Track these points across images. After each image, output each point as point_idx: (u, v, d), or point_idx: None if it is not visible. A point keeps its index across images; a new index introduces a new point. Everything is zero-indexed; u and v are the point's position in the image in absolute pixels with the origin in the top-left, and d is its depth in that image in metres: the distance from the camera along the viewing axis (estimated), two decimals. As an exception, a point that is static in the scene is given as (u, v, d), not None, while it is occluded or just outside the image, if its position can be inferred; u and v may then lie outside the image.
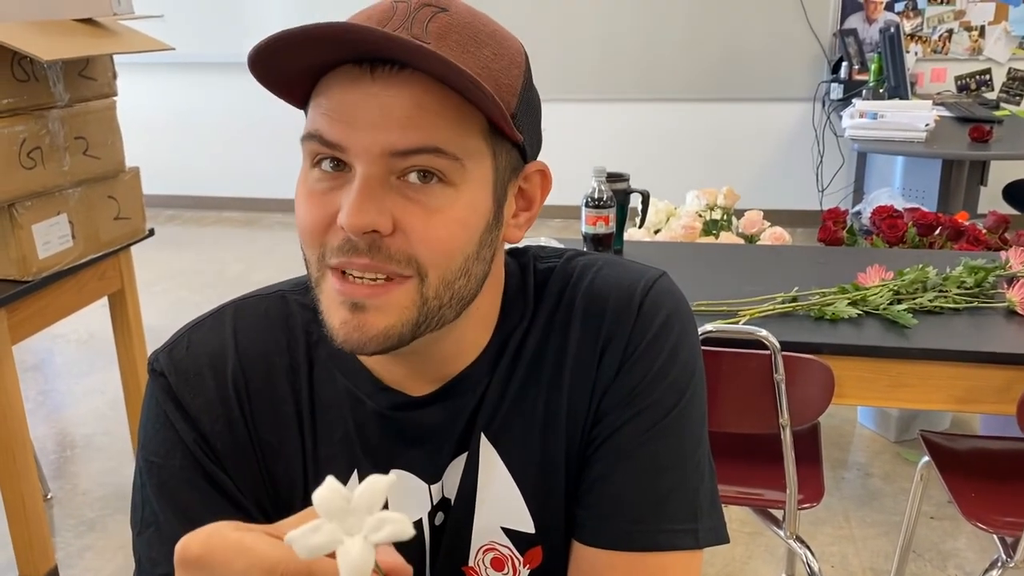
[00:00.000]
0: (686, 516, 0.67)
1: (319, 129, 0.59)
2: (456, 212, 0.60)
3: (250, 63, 0.58)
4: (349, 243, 0.59)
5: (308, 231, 0.61)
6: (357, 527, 0.36)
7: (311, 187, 0.61)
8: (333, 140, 0.58)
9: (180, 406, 0.68)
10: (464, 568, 0.72)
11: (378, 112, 0.57)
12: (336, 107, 0.59)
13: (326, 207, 0.60)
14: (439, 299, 0.61)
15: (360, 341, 0.60)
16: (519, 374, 0.70)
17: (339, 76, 0.59)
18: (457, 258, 0.61)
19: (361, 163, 0.58)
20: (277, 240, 5.09)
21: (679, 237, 2.47)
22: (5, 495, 1.95)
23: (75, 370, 3.39)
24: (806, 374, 1.47)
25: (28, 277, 1.89)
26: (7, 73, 1.81)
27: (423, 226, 0.59)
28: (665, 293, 0.71)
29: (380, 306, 0.60)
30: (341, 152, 0.59)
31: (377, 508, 0.36)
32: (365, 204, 0.57)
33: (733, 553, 2.18)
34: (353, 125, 0.58)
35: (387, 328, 0.60)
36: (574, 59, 4.96)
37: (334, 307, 0.61)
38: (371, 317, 0.60)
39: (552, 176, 0.73)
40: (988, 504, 1.57)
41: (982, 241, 2.30)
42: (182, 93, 5.55)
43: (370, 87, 0.58)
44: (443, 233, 0.60)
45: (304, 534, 0.35)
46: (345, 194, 0.59)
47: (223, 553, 0.38)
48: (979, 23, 4.54)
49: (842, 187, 4.84)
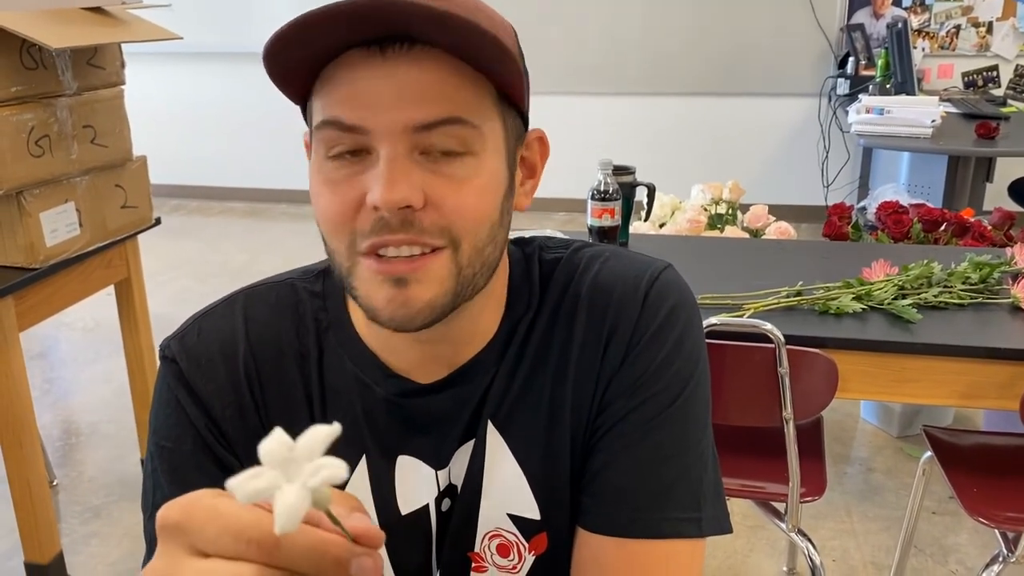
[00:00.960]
0: (690, 505, 0.68)
1: (336, 115, 0.59)
2: (481, 180, 0.62)
3: (269, 51, 0.58)
4: (382, 222, 0.59)
5: (334, 220, 0.61)
6: (297, 474, 0.36)
7: (330, 176, 0.61)
8: (353, 123, 0.58)
9: (192, 392, 0.68)
10: (470, 554, 0.72)
11: (396, 90, 0.58)
12: (351, 91, 0.58)
13: (351, 193, 0.60)
14: (472, 267, 0.63)
15: (407, 316, 0.61)
16: (525, 363, 0.71)
17: (347, 62, 0.59)
18: (485, 225, 0.63)
19: (385, 142, 0.58)
20: (282, 231, 5.10)
21: (684, 231, 2.48)
22: (11, 482, 1.96)
23: (81, 358, 3.40)
24: (810, 368, 1.48)
25: (35, 264, 1.90)
26: (16, 61, 1.82)
27: (454, 197, 0.60)
28: (671, 284, 0.71)
29: (421, 279, 0.60)
30: (362, 135, 0.59)
31: (317, 456, 0.37)
32: (397, 179, 0.58)
33: (735, 546, 2.19)
34: (372, 107, 0.58)
35: (431, 299, 0.61)
36: (581, 53, 4.95)
37: (375, 288, 0.61)
38: (414, 291, 0.60)
39: (550, 144, 0.73)
40: (990, 499, 1.57)
41: (987, 237, 2.30)
42: (189, 83, 5.55)
43: (383, 67, 0.58)
44: (472, 202, 0.61)
45: (244, 480, 0.36)
46: (371, 176, 0.59)
47: (199, 518, 0.38)
48: (987, 19, 4.52)
49: (847, 183, 4.84)
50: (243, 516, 0.37)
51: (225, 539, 0.37)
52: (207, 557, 0.38)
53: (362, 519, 0.39)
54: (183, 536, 0.38)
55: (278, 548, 0.37)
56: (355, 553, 0.38)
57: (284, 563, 0.37)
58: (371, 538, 0.39)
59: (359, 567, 0.38)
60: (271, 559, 0.37)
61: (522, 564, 0.73)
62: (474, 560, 0.73)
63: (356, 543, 0.38)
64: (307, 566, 0.37)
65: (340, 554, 0.38)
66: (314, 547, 0.37)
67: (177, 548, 0.39)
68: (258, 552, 0.37)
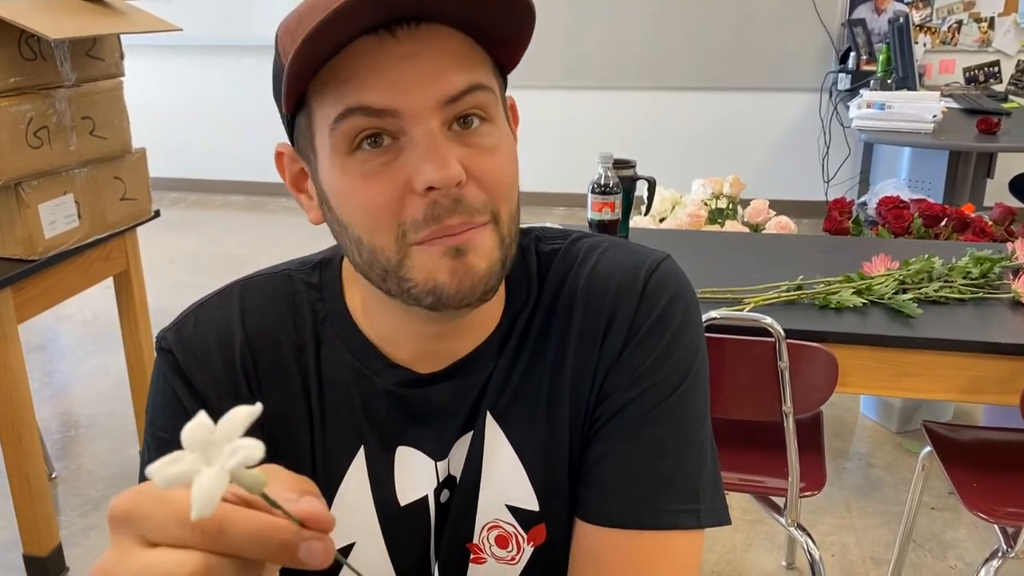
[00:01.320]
0: (688, 496, 0.67)
1: (362, 101, 0.57)
2: (505, 146, 0.63)
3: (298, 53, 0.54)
4: (436, 207, 0.58)
5: (381, 212, 0.59)
6: (216, 457, 0.36)
7: (362, 171, 0.59)
8: (384, 106, 0.57)
9: (188, 382, 0.68)
10: (468, 545, 0.72)
11: (420, 68, 0.58)
12: (373, 76, 0.57)
13: (393, 182, 0.59)
14: (510, 235, 0.63)
15: (472, 285, 0.60)
16: (524, 355, 0.71)
17: (358, 50, 0.57)
18: (515, 191, 0.64)
19: (418, 121, 0.58)
20: (282, 224, 5.09)
21: (684, 225, 2.47)
22: (10, 474, 1.96)
23: (80, 350, 3.40)
24: (810, 362, 1.47)
25: (34, 256, 1.90)
26: (14, 51, 1.81)
27: (490, 168, 0.61)
28: (670, 274, 0.71)
29: (476, 248, 0.60)
30: (393, 118, 0.58)
31: (236, 438, 0.37)
32: (445, 156, 0.57)
33: (733, 540, 2.19)
34: (399, 87, 0.57)
35: (488, 268, 0.61)
36: (582, 47, 4.94)
37: (436, 266, 0.60)
38: (472, 259, 0.60)
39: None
40: (990, 495, 1.57)
41: (988, 233, 2.29)
42: (188, 75, 5.55)
43: (399, 48, 0.57)
44: (504, 170, 0.62)
45: (163, 465, 0.35)
46: (410, 159, 0.58)
47: (147, 506, 0.38)
48: (988, 15, 4.51)
49: (847, 178, 4.83)
50: (188, 503, 0.37)
51: (171, 526, 0.37)
52: (155, 547, 0.37)
53: (312, 503, 0.38)
54: (132, 526, 0.38)
55: (222, 534, 0.36)
56: (303, 537, 0.37)
57: (229, 549, 0.36)
58: (321, 522, 0.38)
59: (307, 551, 0.37)
60: (215, 545, 0.36)
61: (521, 555, 0.72)
62: (473, 551, 0.72)
63: (305, 527, 0.38)
64: (253, 551, 0.37)
65: (287, 538, 0.37)
66: (260, 532, 0.36)
67: (127, 539, 0.38)
68: (202, 539, 0.36)
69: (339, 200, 0.61)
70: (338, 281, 0.72)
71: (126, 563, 0.37)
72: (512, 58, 0.64)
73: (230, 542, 0.36)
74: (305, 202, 0.68)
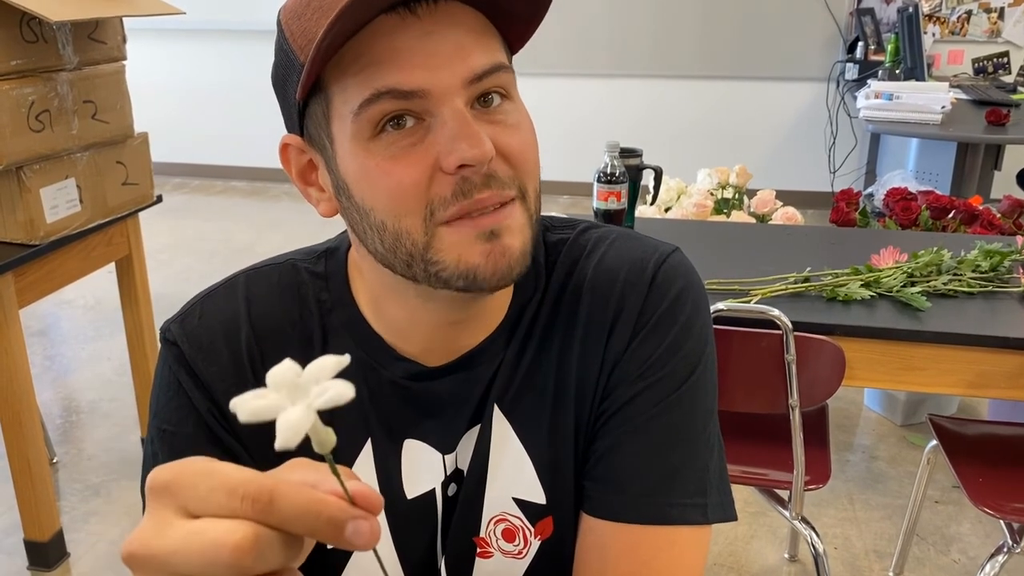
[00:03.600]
0: (695, 490, 0.66)
1: (390, 83, 0.56)
2: (527, 123, 0.63)
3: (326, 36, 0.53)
4: (467, 183, 0.57)
5: (409, 193, 0.58)
6: (303, 398, 0.36)
7: (389, 153, 0.58)
8: (413, 87, 0.56)
9: (193, 375, 0.67)
10: (475, 539, 0.71)
11: (445, 45, 0.57)
12: (399, 56, 0.56)
13: (421, 162, 0.58)
14: (537, 211, 0.63)
15: (508, 266, 0.59)
16: (531, 347, 0.70)
17: (379, 30, 0.56)
18: (539, 168, 0.64)
19: (446, 101, 0.57)
20: (284, 210, 5.08)
21: (690, 215, 2.46)
22: (11, 459, 1.96)
23: (81, 336, 3.39)
24: (817, 355, 1.46)
25: (35, 241, 1.88)
26: (15, 34, 1.79)
27: (517, 144, 0.60)
28: (678, 267, 0.70)
29: (509, 227, 0.60)
30: (421, 98, 0.57)
31: (324, 381, 0.37)
32: (476, 133, 0.57)
33: (736, 532, 2.18)
34: (425, 66, 0.56)
35: (522, 247, 0.60)
36: (588, 34, 4.91)
37: (468, 248, 0.59)
38: (507, 240, 0.59)
39: None
40: (995, 490, 1.56)
41: (996, 225, 2.27)
42: (191, 59, 5.52)
43: (421, 26, 0.56)
44: (529, 146, 0.62)
45: (248, 398, 0.35)
46: (438, 139, 0.57)
47: (190, 477, 0.37)
48: (998, 5, 4.47)
49: (854, 168, 4.80)
50: (236, 473, 0.36)
51: (218, 495, 0.36)
52: (197, 518, 0.36)
53: (362, 486, 0.38)
54: (172, 497, 0.37)
55: (272, 504, 0.35)
56: (352, 515, 0.36)
57: (278, 521, 0.35)
58: (370, 502, 0.37)
59: (355, 530, 0.36)
60: (265, 516, 0.35)
61: (528, 549, 0.71)
62: (479, 545, 0.71)
63: (354, 505, 0.37)
64: (301, 526, 0.36)
65: (336, 515, 0.36)
66: (310, 506, 0.36)
67: (166, 510, 0.37)
68: (252, 508, 0.35)
69: (362, 186, 0.60)
70: (344, 270, 0.71)
71: (166, 534, 0.36)
72: (522, 36, 0.64)
73: (279, 514, 0.35)
74: (315, 195, 0.66)
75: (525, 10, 0.60)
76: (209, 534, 0.35)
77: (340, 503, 0.36)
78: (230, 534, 0.35)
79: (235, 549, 0.34)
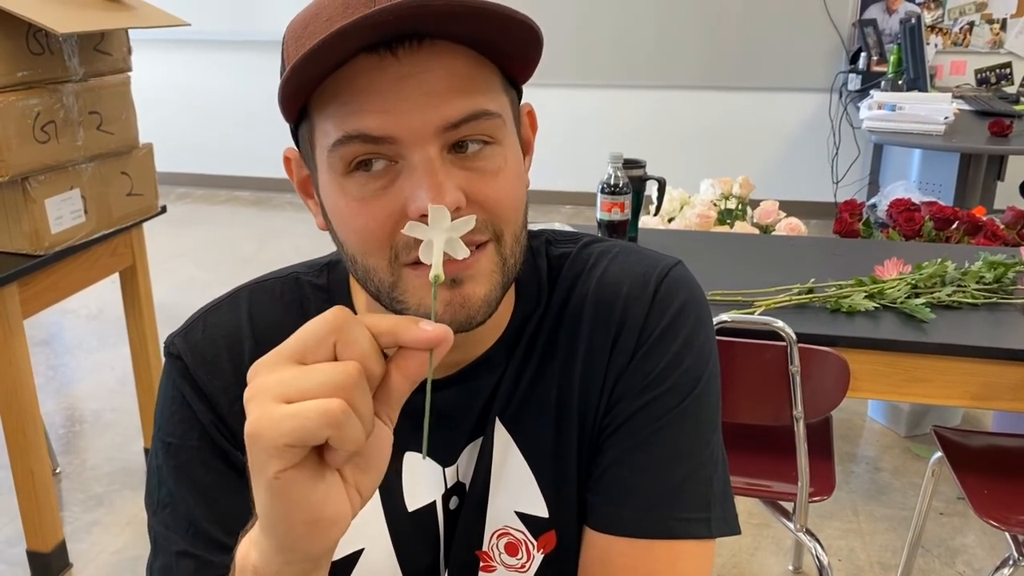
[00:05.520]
0: (699, 505, 0.66)
1: (360, 128, 0.56)
2: (510, 168, 0.61)
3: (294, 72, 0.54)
4: None
5: (374, 237, 0.58)
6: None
7: (359, 195, 0.58)
8: (382, 134, 0.56)
9: (197, 388, 0.67)
10: (478, 552, 0.71)
11: (419, 92, 0.55)
12: (371, 99, 0.55)
13: (388, 206, 0.57)
14: (514, 256, 0.62)
15: (468, 316, 0.59)
16: (534, 360, 0.70)
17: (358, 68, 0.55)
18: (521, 212, 0.63)
19: (416, 147, 0.56)
20: (288, 220, 5.09)
21: (694, 226, 2.46)
22: (15, 469, 1.96)
23: (85, 345, 3.40)
24: (821, 366, 1.46)
25: (40, 251, 1.89)
26: (22, 45, 1.80)
27: (493, 191, 0.59)
28: (680, 281, 0.70)
29: (473, 275, 0.59)
30: (390, 144, 0.56)
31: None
32: (442, 183, 0.55)
33: (740, 544, 2.17)
34: (398, 113, 0.55)
35: (486, 295, 0.60)
36: (592, 45, 4.93)
37: (428, 294, 0.58)
38: (469, 289, 0.59)
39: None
40: (1001, 502, 1.56)
41: (1000, 236, 2.27)
42: (196, 70, 5.54)
43: (398, 69, 0.55)
44: (508, 192, 0.60)
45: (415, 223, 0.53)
46: (407, 185, 0.57)
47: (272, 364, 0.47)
48: (1001, 16, 4.48)
49: (857, 179, 4.81)
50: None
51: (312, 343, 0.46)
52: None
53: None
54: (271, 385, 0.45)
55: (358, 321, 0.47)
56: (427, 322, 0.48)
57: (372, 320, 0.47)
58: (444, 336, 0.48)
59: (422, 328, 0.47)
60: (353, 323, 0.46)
61: (531, 563, 0.71)
62: (482, 559, 0.71)
63: None
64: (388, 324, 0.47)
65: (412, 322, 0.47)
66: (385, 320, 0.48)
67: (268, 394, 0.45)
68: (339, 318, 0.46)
69: (336, 220, 0.61)
70: (346, 282, 0.72)
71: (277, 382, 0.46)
72: (524, 73, 0.63)
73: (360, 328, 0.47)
74: (313, 207, 0.67)
75: (514, 52, 0.59)
76: (317, 374, 0.45)
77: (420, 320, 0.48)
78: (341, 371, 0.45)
79: (324, 413, 0.43)
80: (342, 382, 0.44)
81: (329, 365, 0.45)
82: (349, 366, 0.45)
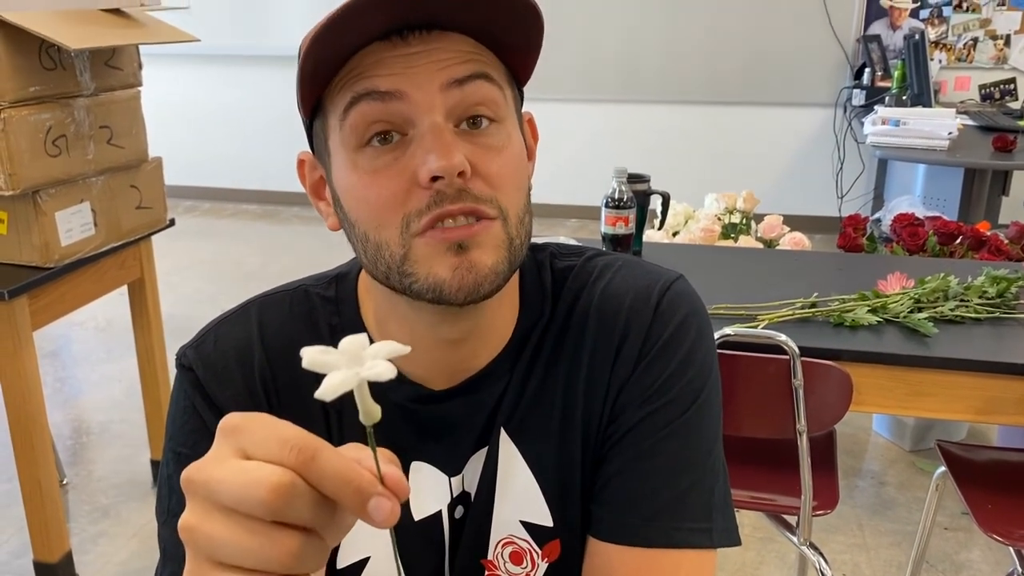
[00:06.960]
0: (701, 515, 0.67)
1: (368, 86, 0.59)
2: (513, 148, 0.63)
3: (317, 38, 0.57)
4: (440, 195, 0.59)
5: (387, 205, 0.60)
6: (356, 367, 0.41)
7: (371, 167, 0.61)
8: (390, 88, 0.59)
9: (208, 398, 0.69)
10: (483, 561, 0.72)
11: (427, 60, 0.59)
12: (380, 67, 0.59)
13: (398, 176, 0.60)
14: (518, 237, 0.63)
15: (475, 282, 0.60)
16: (538, 371, 0.71)
17: (370, 53, 0.59)
18: (523, 192, 0.64)
19: (425, 111, 0.59)
20: (295, 233, 5.11)
21: (698, 240, 2.47)
22: (22, 480, 1.97)
23: (93, 357, 3.41)
24: (824, 380, 1.46)
25: (50, 264, 1.91)
26: (35, 61, 1.83)
27: (496, 166, 0.61)
28: (682, 294, 0.71)
29: (481, 243, 0.60)
30: (399, 102, 0.59)
31: (379, 359, 0.41)
32: (449, 145, 0.58)
33: (744, 558, 2.17)
34: (406, 71, 0.59)
35: (494, 265, 0.61)
36: (596, 60, 4.96)
37: (437, 260, 0.60)
38: (476, 255, 0.60)
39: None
40: (1005, 516, 1.56)
41: (1004, 251, 2.28)
42: (205, 85, 5.58)
43: (409, 50, 0.59)
44: (511, 170, 0.62)
45: (315, 351, 0.41)
46: (416, 153, 0.59)
47: (254, 424, 0.41)
48: (1005, 32, 4.50)
49: (861, 194, 4.81)
50: (292, 429, 0.40)
51: (271, 442, 0.39)
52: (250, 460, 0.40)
53: (395, 471, 0.41)
54: (236, 438, 0.41)
55: (314, 460, 0.39)
56: (378, 491, 0.39)
57: (315, 477, 0.39)
58: (398, 485, 0.40)
59: (376, 505, 0.39)
60: (305, 468, 0.39)
61: (535, 571, 0.72)
62: (487, 568, 0.72)
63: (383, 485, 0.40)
64: (332, 487, 0.39)
65: (365, 486, 0.39)
66: (344, 472, 0.39)
67: (228, 448, 0.41)
68: (296, 458, 0.39)
69: (349, 199, 0.63)
70: (354, 295, 0.73)
71: (221, 464, 0.40)
72: (525, 66, 0.66)
73: (317, 471, 0.39)
74: (323, 209, 0.69)
75: (518, 40, 0.62)
76: (253, 473, 0.39)
77: (371, 478, 0.39)
78: (270, 475, 0.38)
79: (271, 489, 0.38)
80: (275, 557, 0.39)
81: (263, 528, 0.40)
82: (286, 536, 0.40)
